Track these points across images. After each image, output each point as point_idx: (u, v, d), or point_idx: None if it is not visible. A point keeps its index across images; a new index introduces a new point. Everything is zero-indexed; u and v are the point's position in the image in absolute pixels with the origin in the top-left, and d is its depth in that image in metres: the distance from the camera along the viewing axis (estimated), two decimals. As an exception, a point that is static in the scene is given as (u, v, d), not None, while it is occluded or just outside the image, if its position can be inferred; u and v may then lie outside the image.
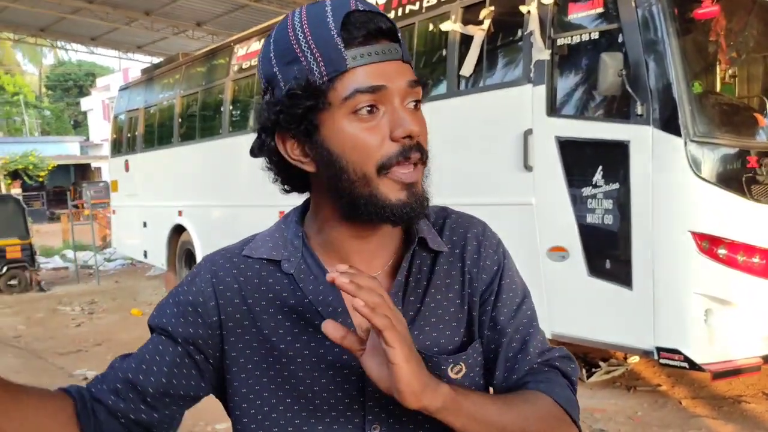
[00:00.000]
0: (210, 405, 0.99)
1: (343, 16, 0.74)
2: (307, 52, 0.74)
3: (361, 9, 0.75)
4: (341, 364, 0.80)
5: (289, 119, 0.76)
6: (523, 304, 0.88)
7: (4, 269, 9.40)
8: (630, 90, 3.49)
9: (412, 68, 0.79)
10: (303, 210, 0.88)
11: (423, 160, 0.78)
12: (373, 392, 0.78)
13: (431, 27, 4.83)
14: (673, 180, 3.46)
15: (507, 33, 4.40)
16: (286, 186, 0.85)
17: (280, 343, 0.81)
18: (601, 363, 4.65)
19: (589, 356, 4.86)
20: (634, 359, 4.65)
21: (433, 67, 4.96)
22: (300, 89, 0.75)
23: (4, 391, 0.73)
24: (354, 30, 0.74)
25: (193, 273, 0.87)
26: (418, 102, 0.79)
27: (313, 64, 0.74)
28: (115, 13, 12.95)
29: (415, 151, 0.76)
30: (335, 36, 0.73)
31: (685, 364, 3.41)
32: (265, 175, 0.85)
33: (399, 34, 0.77)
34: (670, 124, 3.44)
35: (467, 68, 4.42)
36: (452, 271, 0.86)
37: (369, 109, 0.75)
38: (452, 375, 0.82)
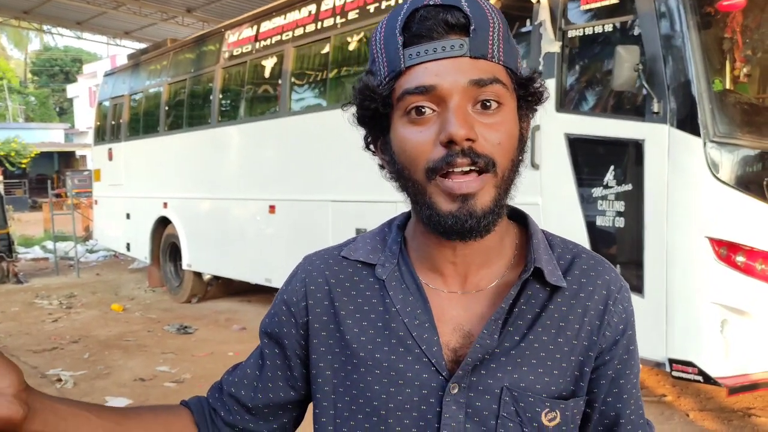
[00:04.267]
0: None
1: (410, 12, 0.70)
2: (379, 55, 0.73)
3: (433, 3, 0.70)
4: (420, 382, 0.75)
5: (361, 120, 0.77)
6: (638, 374, 0.82)
7: (-20, 259, 9.07)
8: (646, 86, 3.30)
9: (499, 63, 0.71)
10: (409, 215, 0.84)
11: (483, 168, 0.70)
12: (451, 420, 0.74)
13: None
14: (691, 182, 3.26)
15: (515, 23, 4.19)
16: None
17: (360, 350, 0.78)
18: (602, 371, 4.46)
19: (591, 363, 4.68)
20: (636, 367, 4.47)
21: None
22: (364, 91, 0.74)
23: (117, 415, 0.78)
24: (415, 27, 0.70)
25: (291, 274, 0.87)
26: (490, 102, 0.70)
27: (381, 66, 0.73)
28: (101, -4, 12.59)
29: (461, 157, 0.69)
30: (397, 35, 0.71)
31: (699, 378, 3.22)
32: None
33: (473, 27, 0.69)
34: (688, 122, 3.24)
35: None
36: (570, 314, 0.77)
37: (418, 110, 0.70)
38: (545, 421, 0.75)
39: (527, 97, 0.75)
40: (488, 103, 0.70)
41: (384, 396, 0.76)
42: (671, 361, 3.30)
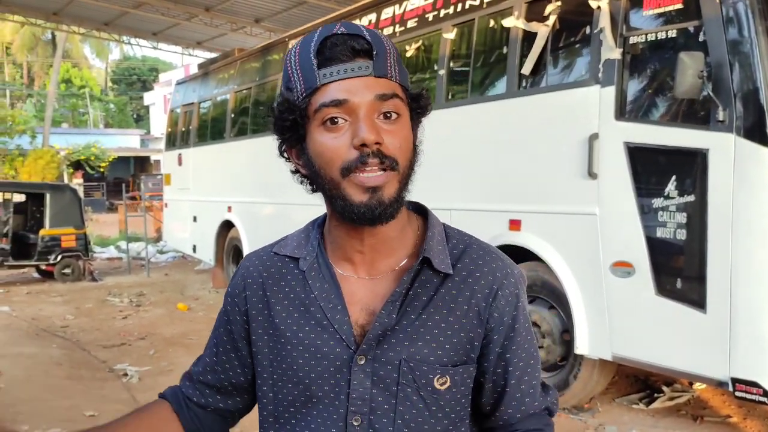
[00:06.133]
0: None
1: (322, 40, 0.84)
2: (295, 74, 0.86)
3: (341, 32, 0.84)
4: (334, 355, 0.90)
5: (280, 130, 0.89)
6: (534, 351, 0.94)
7: (59, 258, 9.60)
8: (711, 94, 3.17)
9: (396, 82, 0.86)
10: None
11: (389, 167, 0.83)
12: (359, 386, 0.89)
13: (492, 23, 4.59)
14: (758, 194, 3.12)
15: (574, 30, 4.12)
16: (309, 186, 0.92)
17: (287, 331, 0.93)
18: (664, 388, 4.31)
19: (651, 380, 4.52)
20: (700, 385, 4.29)
21: (492, 65, 4.71)
22: (284, 105, 0.87)
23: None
24: (328, 52, 0.83)
25: (235, 271, 1.03)
26: (391, 113, 0.84)
27: (297, 84, 0.86)
28: (175, 8, 13.14)
29: (372, 158, 0.82)
30: (312, 58, 0.84)
31: (765, 399, 3.07)
32: None
33: (375, 52, 0.84)
34: (756, 132, 3.10)
35: (528, 66, 4.15)
36: (459, 297, 0.91)
37: (333, 120, 0.83)
38: (437, 385, 0.89)
39: (417, 109, 0.90)
40: (389, 114, 0.85)
41: (306, 368, 0.91)
42: (734, 381, 3.15)
